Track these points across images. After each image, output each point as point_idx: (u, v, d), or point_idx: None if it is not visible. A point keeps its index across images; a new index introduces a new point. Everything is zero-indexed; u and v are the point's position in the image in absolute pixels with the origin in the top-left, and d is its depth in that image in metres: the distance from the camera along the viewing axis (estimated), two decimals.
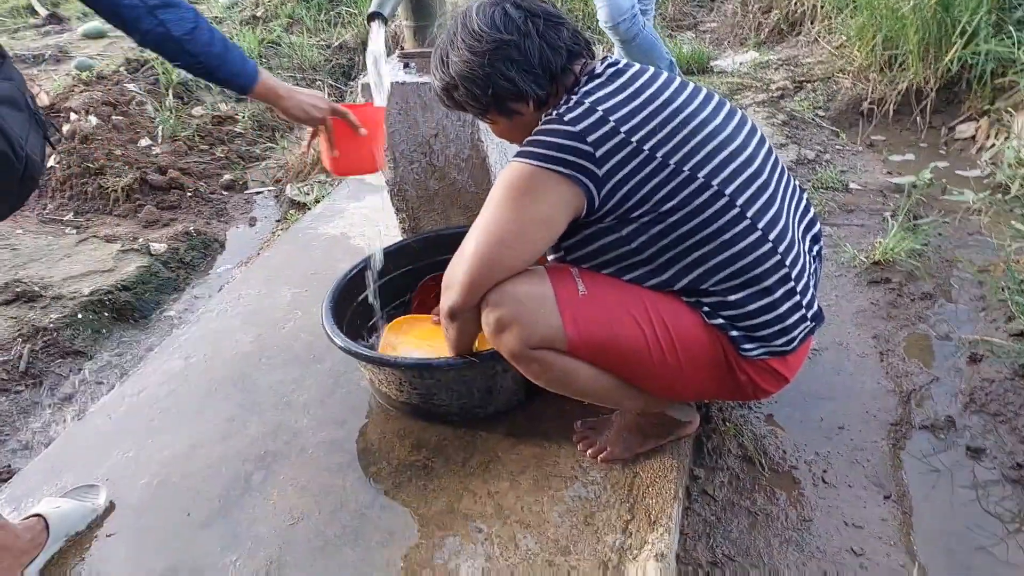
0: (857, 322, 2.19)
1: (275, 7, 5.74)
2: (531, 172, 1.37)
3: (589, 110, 1.37)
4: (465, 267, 1.43)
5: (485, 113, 1.52)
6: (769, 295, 1.44)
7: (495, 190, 1.42)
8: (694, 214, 1.39)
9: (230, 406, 2.04)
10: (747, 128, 1.51)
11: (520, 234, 1.40)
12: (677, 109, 1.42)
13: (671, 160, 1.37)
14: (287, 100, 1.70)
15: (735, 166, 1.42)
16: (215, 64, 1.55)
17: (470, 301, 1.46)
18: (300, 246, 2.84)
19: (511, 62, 1.43)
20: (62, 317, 2.72)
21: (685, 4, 5.16)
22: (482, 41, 1.43)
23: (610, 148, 1.35)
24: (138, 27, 1.45)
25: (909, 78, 3.40)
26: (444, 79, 1.51)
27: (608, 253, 1.47)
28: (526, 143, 1.42)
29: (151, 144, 3.93)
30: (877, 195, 2.82)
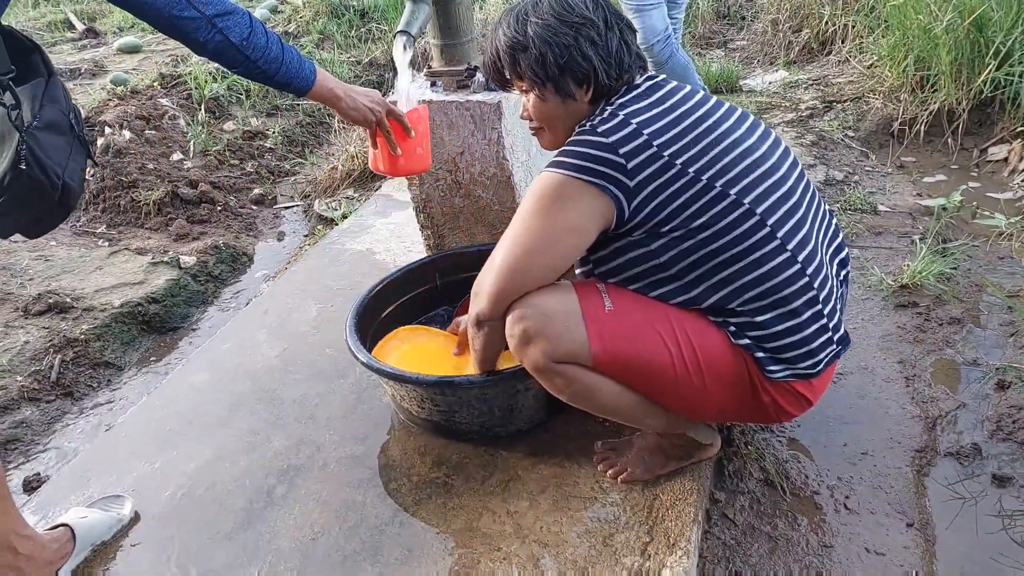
0: (883, 346, 2.16)
1: (307, 23, 5.84)
2: (561, 181, 1.39)
3: (623, 122, 1.39)
4: (493, 275, 1.45)
5: (543, 85, 1.49)
6: (796, 317, 1.44)
7: (526, 200, 1.44)
8: (724, 232, 1.39)
9: (255, 420, 2.06)
10: (780, 149, 1.51)
11: (549, 243, 1.42)
12: (711, 126, 1.43)
13: (703, 176, 1.38)
14: (344, 101, 1.69)
15: (767, 186, 1.43)
16: (274, 68, 1.55)
17: (497, 310, 1.48)
18: (327, 261, 2.88)
19: (591, 43, 1.45)
20: (93, 328, 2.77)
21: (715, 23, 5.16)
22: (572, 12, 1.45)
23: (642, 161, 1.36)
24: (198, 39, 1.47)
25: (941, 99, 3.36)
26: (516, 37, 1.48)
27: (637, 267, 1.47)
28: (558, 154, 1.43)
29: (183, 158, 4.00)
30: (906, 217, 2.79)
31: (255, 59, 1.52)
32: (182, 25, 1.44)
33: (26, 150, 1.32)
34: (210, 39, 1.47)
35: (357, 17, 5.74)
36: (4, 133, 1.35)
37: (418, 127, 1.85)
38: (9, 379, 2.51)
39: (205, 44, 1.48)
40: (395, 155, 1.82)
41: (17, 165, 1.32)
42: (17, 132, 1.32)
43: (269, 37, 1.54)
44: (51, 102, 1.40)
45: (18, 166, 1.32)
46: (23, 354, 2.65)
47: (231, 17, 1.47)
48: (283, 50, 1.56)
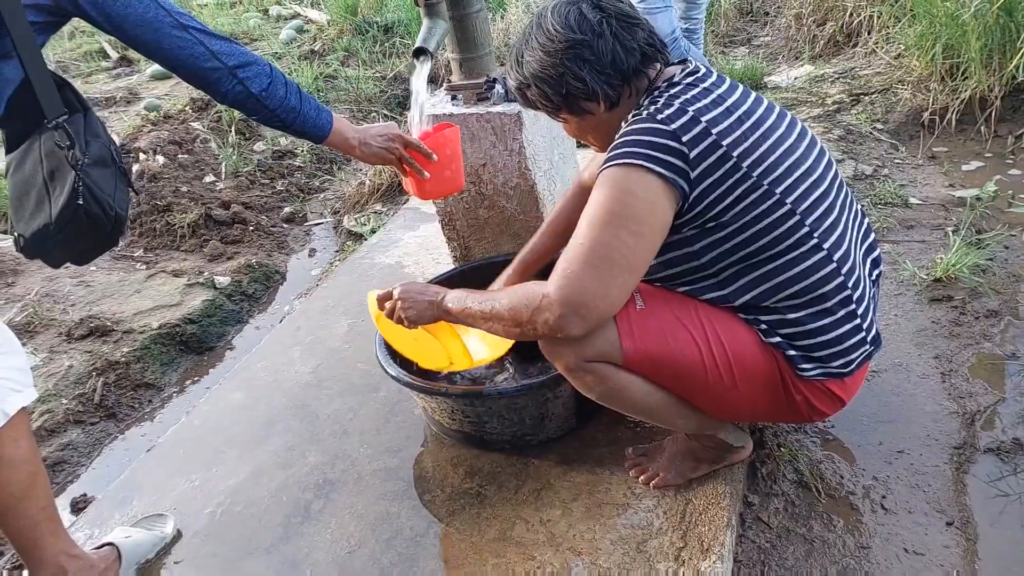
0: (918, 341, 2.13)
1: (331, 41, 5.92)
2: (638, 174, 1.33)
3: (680, 110, 1.36)
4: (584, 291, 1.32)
5: (558, 112, 1.52)
6: (830, 315, 1.43)
7: (601, 202, 1.35)
8: (767, 231, 1.38)
9: (290, 436, 2.10)
10: (817, 148, 1.50)
11: (639, 249, 1.34)
12: (759, 121, 1.41)
13: (754, 172, 1.36)
14: (359, 149, 1.74)
15: (806, 186, 1.42)
16: (291, 117, 1.61)
17: (584, 325, 1.34)
18: (357, 276, 2.91)
19: (583, 62, 1.42)
20: (133, 351, 2.84)
21: (738, 20, 5.12)
22: (555, 41, 1.43)
23: (703, 150, 1.34)
24: (220, 89, 1.53)
25: (972, 86, 3.30)
26: (519, 78, 1.51)
27: (675, 267, 1.47)
28: (618, 144, 1.38)
29: (215, 180, 4.08)
30: (939, 209, 2.74)
31: (273, 108, 1.57)
32: (205, 75, 1.51)
33: (82, 186, 1.39)
34: (231, 89, 1.53)
35: (381, 33, 5.80)
36: (55, 170, 1.41)
37: (444, 150, 1.85)
38: (55, 403, 2.58)
39: (226, 94, 1.53)
40: (423, 180, 1.84)
41: (75, 201, 1.39)
42: (72, 170, 1.39)
43: (288, 87, 1.59)
44: (94, 137, 1.47)
45: (76, 202, 1.39)
46: (67, 378, 2.73)
47: (251, 68, 1.53)
48: (301, 100, 1.61)
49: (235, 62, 1.51)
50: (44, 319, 3.00)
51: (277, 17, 7.38)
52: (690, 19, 3.49)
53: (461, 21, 2.15)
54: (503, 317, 1.41)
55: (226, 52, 1.51)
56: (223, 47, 1.52)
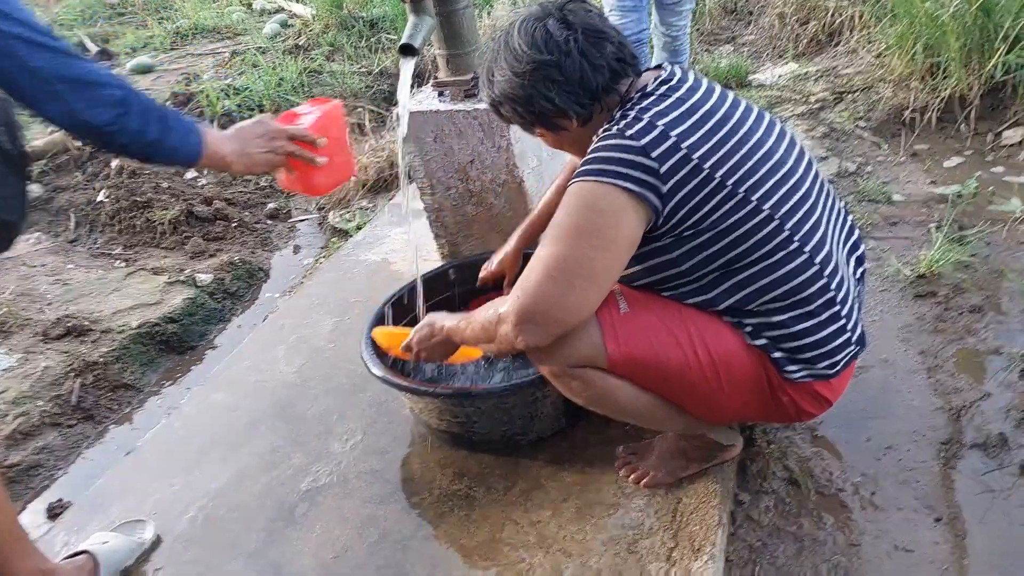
0: (903, 337, 2.13)
1: (316, 36, 5.85)
2: (603, 191, 1.33)
3: (649, 125, 1.35)
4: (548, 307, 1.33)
5: (533, 128, 1.52)
6: (814, 317, 1.43)
7: (565, 217, 1.36)
8: (745, 237, 1.38)
9: (274, 437, 2.07)
10: (796, 150, 1.50)
11: (606, 264, 1.34)
12: (733, 128, 1.41)
13: (728, 181, 1.36)
14: (239, 164, 1.48)
15: (786, 189, 1.41)
16: (149, 152, 1.34)
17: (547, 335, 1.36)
18: (341, 274, 2.88)
19: (551, 82, 1.40)
20: (111, 351, 2.79)
21: (723, 18, 5.13)
22: (522, 62, 1.41)
23: (673, 164, 1.34)
24: (41, 109, 1.23)
25: (952, 85, 3.32)
26: (490, 96, 1.51)
27: (656, 274, 1.47)
28: (587, 161, 1.38)
29: (197, 176, 4.03)
30: (922, 206, 2.76)
31: (125, 144, 1.31)
32: (20, 88, 1.22)
33: None
34: (59, 116, 1.24)
35: (367, 28, 5.74)
36: None
37: (331, 131, 1.60)
38: (31, 405, 2.53)
39: (56, 119, 1.25)
40: (313, 171, 1.58)
41: None
42: None
43: (146, 119, 1.30)
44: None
45: None
46: (44, 379, 2.67)
47: (86, 92, 1.23)
48: (164, 131, 1.33)
49: (62, 83, 1.20)
50: (19, 319, 2.94)
51: (261, 11, 7.28)
52: (671, 26, 3.39)
53: (448, 17, 2.12)
54: (480, 336, 1.45)
55: (55, 69, 1.20)
56: (52, 63, 1.20)
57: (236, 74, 5.15)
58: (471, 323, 1.48)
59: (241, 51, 5.75)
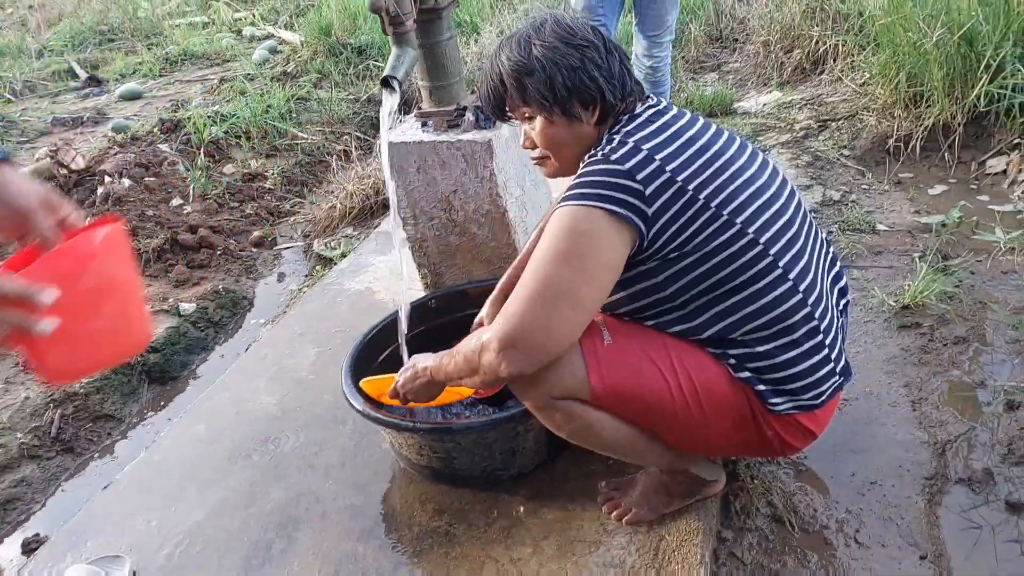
0: (888, 369, 2.13)
1: (305, 63, 5.88)
2: (587, 214, 1.32)
3: (634, 149, 1.36)
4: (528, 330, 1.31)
5: (551, 108, 1.44)
6: (798, 347, 1.42)
7: (550, 239, 1.34)
8: (729, 261, 1.38)
9: (253, 471, 2.04)
10: (779, 178, 1.50)
11: (589, 286, 1.33)
12: (717, 153, 1.41)
13: (712, 204, 1.36)
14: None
15: (769, 215, 1.41)
16: None
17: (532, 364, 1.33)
18: (325, 303, 2.86)
19: (596, 65, 1.42)
20: (92, 381, 2.75)
21: (708, 46, 5.18)
22: (576, 36, 1.43)
23: (658, 187, 1.34)
24: None
25: (935, 114, 3.35)
26: (521, 61, 1.43)
27: (640, 300, 1.45)
28: (573, 186, 1.38)
29: (182, 203, 4.01)
30: (906, 235, 2.76)
31: None
32: None
33: None
34: None
35: (355, 55, 5.77)
36: None
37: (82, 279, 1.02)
38: (9, 437, 2.49)
39: None
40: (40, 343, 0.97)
41: None
42: None
43: None
44: None
45: None
46: (23, 410, 2.64)
47: None
48: None
49: None
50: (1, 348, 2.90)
51: (251, 38, 7.32)
52: (651, 57, 3.38)
53: (431, 49, 2.13)
54: (463, 369, 1.43)
55: None
56: None
57: (224, 101, 5.15)
58: (454, 357, 1.45)
59: (230, 78, 5.77)
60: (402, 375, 1.61)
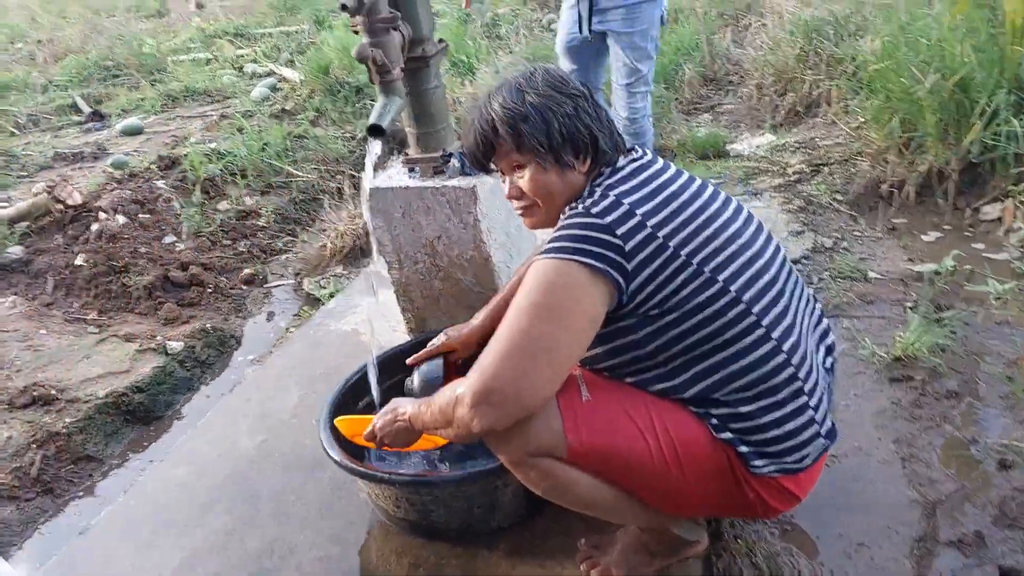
0: (878, 424, 2.09)
1: (303, 100, 5.92)
2: (567, 267, 1.31)
3: (615, 203, 1.35)
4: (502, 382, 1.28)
5: (545, 155, 1.43)
6: (782, 408, 1.39)
7: (529, 291, 1.32)
8: (711, 319, 1.35)
9: (230, 518, 2.00)
10: (764, 235, 1.49)
11: (567, 340, 1.30)
12: (700, 208, 1.40)
13: (693, 260, 1.34)
14: None
15: (752, 272, 1.39)
16: None
17: (506, 418, 1.30)
18: (311, 344, 2.84)
19: (587, 113, 1.44)
20: (76, 421, 2.73)
21: (702, 87, 5.20)
22: (567, 85, 1.46)
23: (639, 242, 1.32)
24: None
25: (929, 160, 3.34)
26: (516, 108, 1.42)
27: (620, 356, 1.43)
28: (552, 239, 1.36)
29: (175, 240, 4.01)
30: (898, 284, 2.74)
31: None
32: None
33: None
34: None
35: (352, 93, 5.81)
36: None
37: None
38: None
39: None
40: None
41: None
42: None
43: None
44: None
45: None
46: (5, 450, 2.61)
47: None
48: None
49: None
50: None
51: (252, 75, 7.38)
52: (627, 108, 3.26)
53: (418, 97, 2.13)
54: (438, 420, 1.39)
55: None
56: None
57: (222, 138, 5.18)
58: (431, 407, 1.42)
59: (230, 114, 5.80)
60: (381, 418, 1.57)
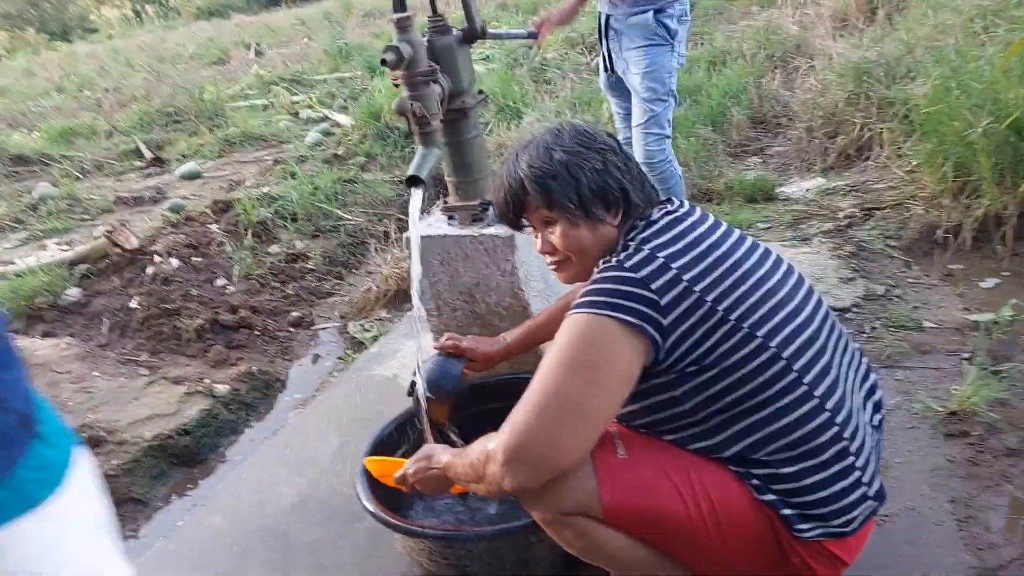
0: (932, 482, 1.99)
1: (354, 145, 6.05)
2: (600, 323, 1.29)
3: (649, 257, 1.33)
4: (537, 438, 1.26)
5: (575, 211, 1.42)
6: (826, 469, 1.35)
7: (562, 347, 1.31)
8: (751, 376, 1.32)
9: (265, 568, 2.01)
10: (804, 289, 1.45)
11: (602, 398, 1.28)
12: (737, 262, 1.38)
13: (731, 316, 1.31)
14: None
15: (792, 328, 1.36)
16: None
17: (537, 477, 1.28)
18: (352, 389, 2.85)
19: (617, 167, 1.45)
20: (124, 463, 2.77)
21: (751, 129, 5.16)
22: (595, 140, 1.46)
23: (674, 297, 1.30)
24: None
25: (985, 205, 3.24)
26: (544, 166, 1.43)
27: (657, 413, 1.40)
28: (586, 292, 1.35)
29: (226, 283, 4.10)
30: (954, 334, 2.64)
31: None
32: None
33: None
34: None
35: (401, 138, 5.93)
36: None
37: None
38: None
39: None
40: None
41: None
42: None
43: None
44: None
45: None
46: None
47: None
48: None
49: None
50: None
51: (307, 120, 7.60)
52: (644, 148, 3.13)
53: (457, 147, 2.16)
54: (469, 475, 1.38)
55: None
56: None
57: (274, 183, 5.31)
58: (463, 459, 1.41)
59: (283, 159, 5.96)
60: (415, 463, 1.55)
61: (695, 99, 5.27)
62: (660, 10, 2.99)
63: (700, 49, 6.86)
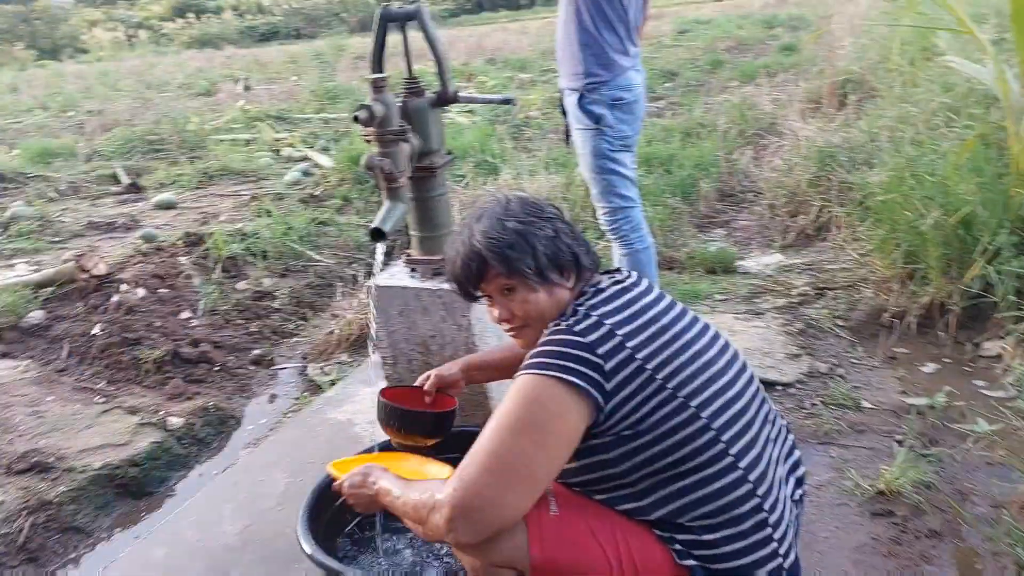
0: (855, 559, 2.06)
1: (332, 187, 6.14)
2: (548, 385, 1.36)
3: (597, 323, 1.41)
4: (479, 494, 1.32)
5: (532, 278, 1.49)
6: (745, 538, 1.42)
7: (511, 407, 1.37)
8: (681, 444, 1.39)
9: None
10: (738, 364, 1.54)
11: (545, 459, 1.34)
12: (677, 334, 1.46)
13: (669, 384, 1.40)
14: None
15: (724, 401, 1.44)
16: None
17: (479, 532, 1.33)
18: (305, 431, 2.88)
19: (566, 233, 1.54)
20: (69, 491, 2.76)
21: (719, 201, 5.33)
22: (543, 210, 1.55)
23: (618, 362, 1.38)
24: None
25: (931, 293, 3.38)
26: (500, 236, 1.50)
27: (591, 473, 1.47)
28: (535, 354, 1.42)
29: (190, 316, 4.12)
30: (891, 415, 2.74)
31: None
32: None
33: None
34: None
35: None
36: None
37: None
38: None
39: None
40: None
41: None
42: None
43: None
44: None
45: None
46: None
47: None
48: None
49: None
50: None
51: (288, 158, 7.68)
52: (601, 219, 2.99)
53: (424, 203, 2.25)
54: (410, 515, 1.43)
55: None
56: None
57: (248, 220, 5.36)
58: (405, 497, 1.45)
59: (261, 195, 6.03)
60: (351, 477, 1.60)
61: (667, 168, 5.44)
62: (583, 96, 2.71)
63: (677, 119, 7.09)
